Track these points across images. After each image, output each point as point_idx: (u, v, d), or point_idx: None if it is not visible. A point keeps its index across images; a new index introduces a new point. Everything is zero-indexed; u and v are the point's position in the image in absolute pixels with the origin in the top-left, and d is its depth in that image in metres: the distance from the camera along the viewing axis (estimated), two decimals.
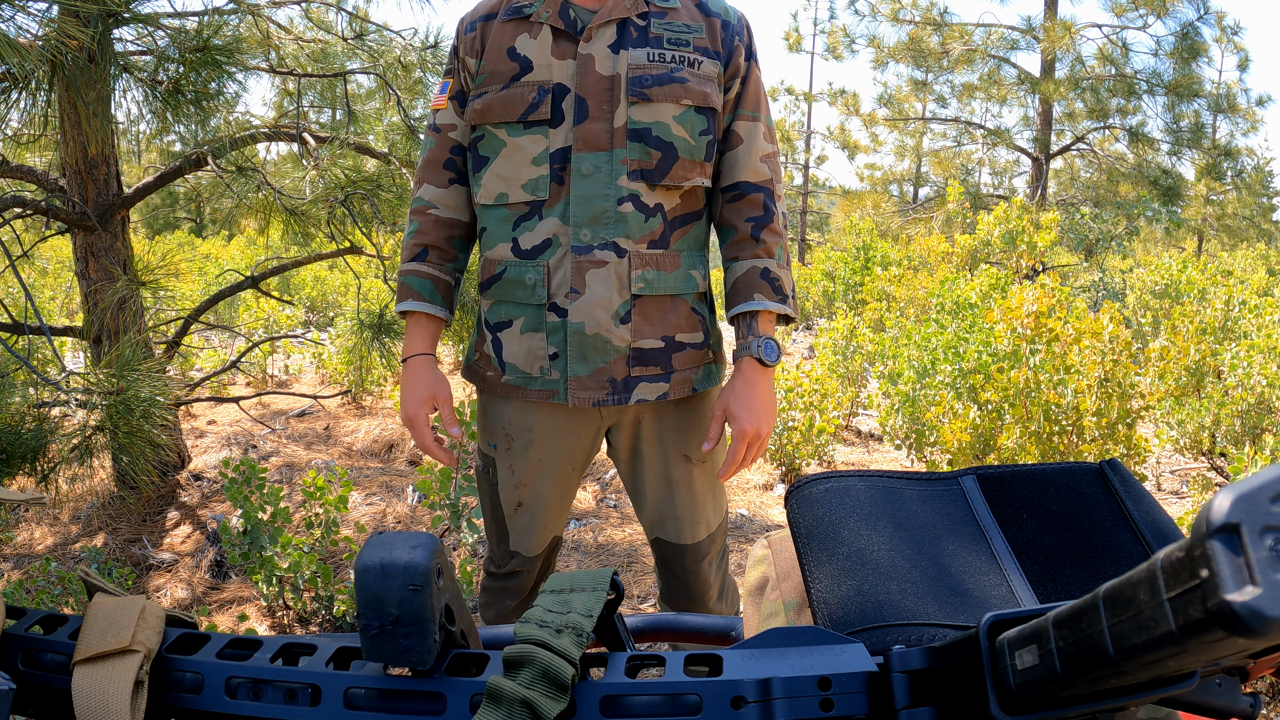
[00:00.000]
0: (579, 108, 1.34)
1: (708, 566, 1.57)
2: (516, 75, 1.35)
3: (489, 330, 1.45)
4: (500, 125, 1.37)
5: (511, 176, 1.37)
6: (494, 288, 1.42)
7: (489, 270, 1.43)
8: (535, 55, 1.35)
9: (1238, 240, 20.05)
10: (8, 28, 1.82)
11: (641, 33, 1.37)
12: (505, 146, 1.37)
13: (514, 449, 1.47)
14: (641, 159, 1.35)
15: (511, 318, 1.41)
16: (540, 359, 1.39)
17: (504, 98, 1.35)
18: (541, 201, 1.36)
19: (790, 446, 4.00)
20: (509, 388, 1.43)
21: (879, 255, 8.90)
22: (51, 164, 3.65)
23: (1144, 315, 6.50)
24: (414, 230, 1.49)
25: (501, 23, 1.39)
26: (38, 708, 0.45)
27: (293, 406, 5.21)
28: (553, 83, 1.34)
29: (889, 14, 13.67)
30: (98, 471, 2.13)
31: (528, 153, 1.35)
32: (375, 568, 0.40)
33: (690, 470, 1.50)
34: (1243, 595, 0.25)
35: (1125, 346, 3.03)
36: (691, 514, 1.51)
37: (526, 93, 1.34)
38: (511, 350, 1.41)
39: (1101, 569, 0.54)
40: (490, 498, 1.54)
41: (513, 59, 1.36)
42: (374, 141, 3.70)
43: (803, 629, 0.44)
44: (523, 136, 1.35)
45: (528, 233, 1.38)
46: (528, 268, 1.37)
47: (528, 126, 1.35)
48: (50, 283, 8.61)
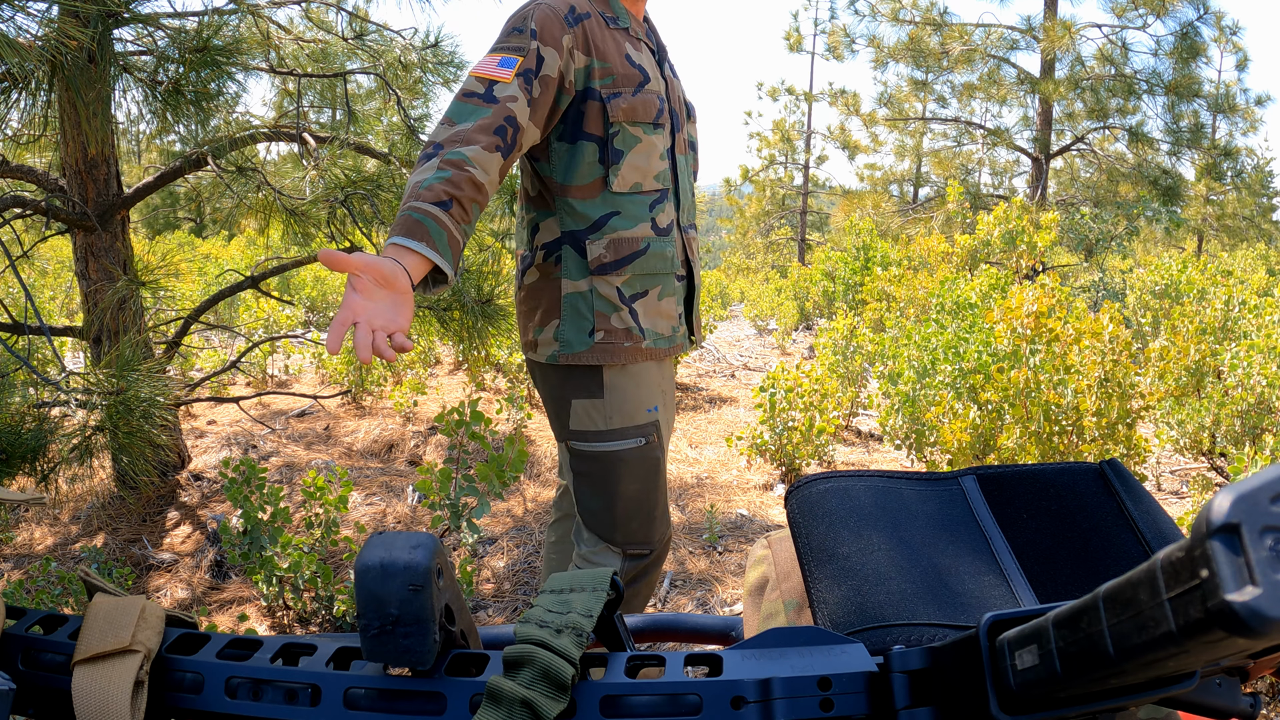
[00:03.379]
0: (674, 118, 1.66)
1: None
2: (641, 83, 1.58)
3: (625, 303, 1.60)
4: (639, 124, 1.57)
5: (646, 168, 1.59)
6: (636, 262, 1.60)
7: (628, 248, 1.59)
8: (648, 67, 1.60)
9: (1238, 240, 20.05)
10: (8, 28, 1.82)
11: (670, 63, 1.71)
12: (641, 143, 1.58)
13: (667, 403, 1.68)
14: (695, 162, 1.77)
15: (648, 288, 1.62)
16: (673, 319, 1.65)
17: (642, 102, 1.57)
18: (667, 189, 1.64)
19: (790, 446, 4.00)
20: (650, 351, 1.62)
21: (879, 255, 8.90)
22: (51, 164, 3.65)
23: (1144, 315, 6.50)
24: (444, 178, 1.35)
25: (610, 29, 1.57)
26: (38, 708, 0.45)
27: (293, 406, 5.21)
28: (660, 93, 1.61)
29: (889, 14, 13.67)
30: (98, 471, 2.14)
31: (658, 148, 1.61)
32: (375, 568, 0.40)
33: None
34: (1243, 595, 0.25)
35: (1125, 346, 3.02)
36: None
37: (653, 99, 1.59)
38: (649, 316, 1.62)
39: (1101, 569, 0.54)
40: (654, 470, 1.64)
41: (634, 66, 1.57)
42: (374, 141, 3.70)
43: (803, 629, 0.44)
44: (654, 135, 1.60)
45: (661, 214, 1.63)
46: (666, 242, 1.63)
47: (657, 127, 1.60)
48: (50, 283, 8.61)
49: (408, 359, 5.88)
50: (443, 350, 7.00)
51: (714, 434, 4.97)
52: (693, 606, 2.80)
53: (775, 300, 10.38)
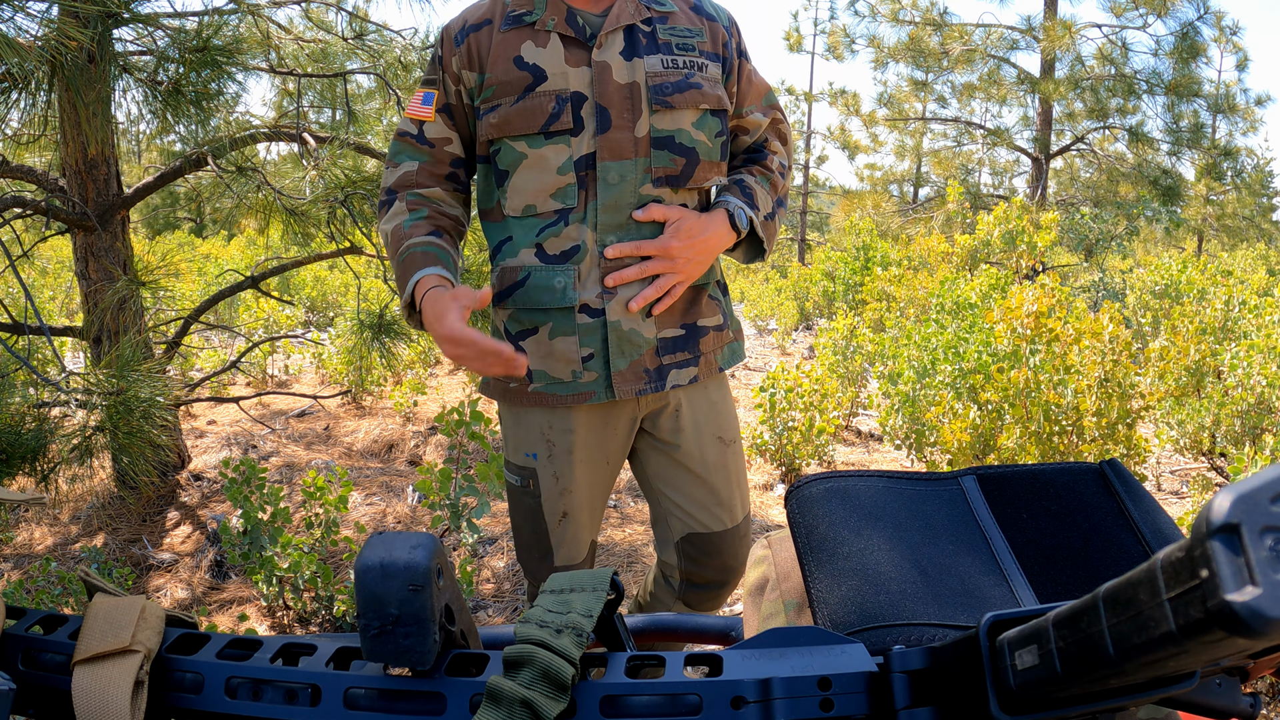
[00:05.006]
0: (600, 116, 1.34)
1: (747, 547, 1.57)
2: (530, 85, 1.33)
3: (510, 340, 1.43)
4: (520, 137, 1.35)
5: (538, 187, 1.36)
6: (516, 294, 1.40)
7: (509, 278, 1.41)
8: (547, 63, 1.34)
9: (1238, 240, 20.06)
10: (7, 28, 1.81)
11: (650, 39, 1.38)
12: (526, 159, 1.36)
13: (556, 454, 1.45)
14: (666, 166, 1.38)
15: (537, 324, 1.40)
16: (573, 362, 1.39)
17: (521, 109, 1.34)
18: (570, 209, 1.37)
19: (790, 446, 4.00)
20: (538, 395, 1.42)
21: (879, 255, 8.90)
22: (51, 164, 3.65)
23: (1144, 315, 6.50)
24: (420, 215, 1.39)
25: (502, 33, 1.36)
26: (38, 708, 0.45)
27: (293, 406, 5.21)
28: (570, 91, 1.33)
29: (889, 14, 13.67)
30: (98, 471, 2.14)
31: (552, 162, 1.35)
32: (375, 568, 0.40)
33: (725, 452, 1.52)
34: (1243, 595, 0.25)
35: (1125, 346, 3.02)
36: (730, 496, 1.53)
37: (545, 103, 1.33)
38: (539, 357, 1.40)
39: (1101, 569, 0.54)
40: (531, 514, 1.50)
41: (522, 68, 1.34)
42: (374, 141, 3.70)
43: (803, 629, 0.44)
44: (545, 147, 1.34)
45: (554, 238, 1.37)
46: (556, 272, 1.37)
47: (549, 137, 1.34)
48: (50, 283, 8.61)
49: (407, 359, 5.89)
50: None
51: None
52: None
53: (775, 300, 10.38)
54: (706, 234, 1.39)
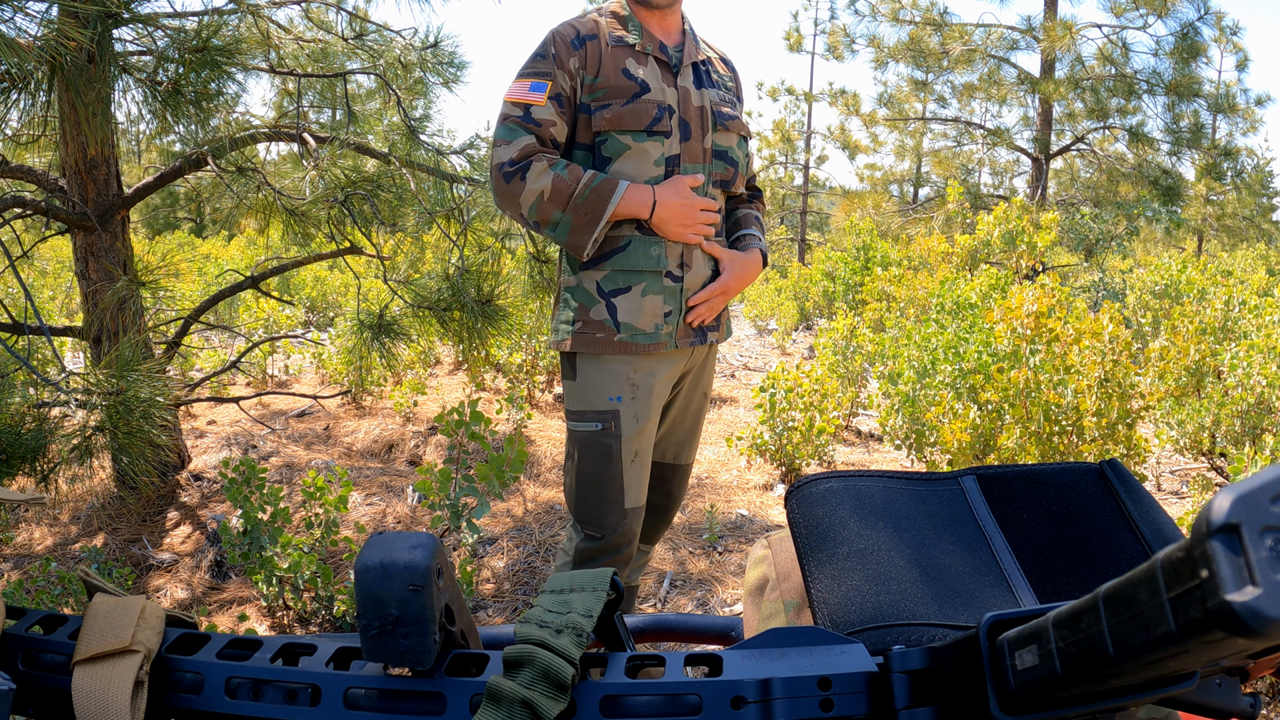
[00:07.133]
0: (683, 128, 1.72)
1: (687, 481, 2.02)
2: (637, 94, 1.68)
3: (603, 296, 1.71)
4: (627, 132, 1.68)
5: (637, 173, 1.69)
6: (617, 257, 1.70)
7: (610, 245, 1.70)
8: (650, 79, 1.69)
9: (1238, 240, 20.06)
10: (7, 28, 1.81)
11: (706, 76, 1.78)
12: (630, 149, 1.68)
13: (639, 396, 1.73)
14: (722, 173, 1.79)
15: (631, 284, 1.70)
16: (657, 317, 1.71)
17: (631, 110, 1.67)
18: None
19: (790, 446, 4.00)
20: (623, 344, 1.70)
21: (879, 255, 8.90)
22: (51, 164, 3.65)
23: (1144, 315, 6.50)
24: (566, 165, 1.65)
25: (610, 47, 1.69)
26: (38, 708, 0.45)
27: (293, 406, 5.21)
28: (665, 103, 1.69)
29: (889, 14, 13.67)
30: (98, 472, 2.14)
31: (651, 155, 1.69)
32: (375, 568, 0.40)
33: (704, 404, 1.94)
34: (1243, 595, 0.25)
35: (1125, 346, 3.02)
36: (695, 440, 1.96)
37: (649, 108, 1.68)
38: (628, 311, 1.70)
39: (1101, 569, 0.54)
40: (606, 457, 1.72)
41: (630, 79, 1.68)
42: (374, 141, 3.71)
43: (803, 629, 0.44)
44: (647, 142, 1.69)
45: None
46: (651, 242, 1.70)
47: (651, 135, 1.68)
48: (50, 283, 8.61)
49: (407, 359, 5.89)
50: (443, 350, 7.00)
51: (714, 434, 4.97)
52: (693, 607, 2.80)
53: (775, 300, 10.38)
54: (747, 271, 1.81)
